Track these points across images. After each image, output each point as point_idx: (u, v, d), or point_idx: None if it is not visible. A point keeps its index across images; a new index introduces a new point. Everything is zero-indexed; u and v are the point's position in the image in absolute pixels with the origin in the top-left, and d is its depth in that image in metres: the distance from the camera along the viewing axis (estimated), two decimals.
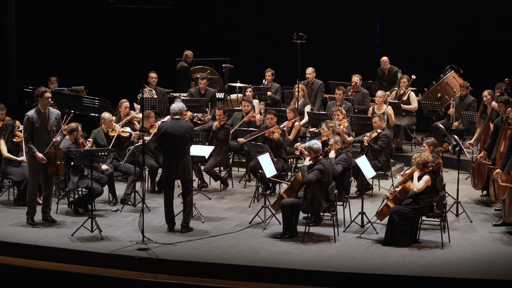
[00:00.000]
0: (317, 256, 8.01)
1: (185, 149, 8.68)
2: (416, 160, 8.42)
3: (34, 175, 8.86)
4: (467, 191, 10.48)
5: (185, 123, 8.79)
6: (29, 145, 8.74)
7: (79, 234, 8.53)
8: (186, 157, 8.69)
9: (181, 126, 8.67)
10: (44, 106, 8.78)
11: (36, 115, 8.74)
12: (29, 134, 8.73)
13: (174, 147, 8.65)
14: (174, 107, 8.84)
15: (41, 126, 8.74)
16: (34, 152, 8.69)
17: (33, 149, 8.70)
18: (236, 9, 17.34)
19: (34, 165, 8.80)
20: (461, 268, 7.67)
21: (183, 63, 14.38)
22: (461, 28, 15.50)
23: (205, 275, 7.67)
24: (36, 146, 8.73)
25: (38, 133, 8.74)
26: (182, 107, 8.88)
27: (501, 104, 9.51)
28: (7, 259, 8.08)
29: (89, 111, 12.38)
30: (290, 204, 8.55)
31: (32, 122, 8.71)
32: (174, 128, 8.65)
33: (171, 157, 8.68)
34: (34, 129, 8.72)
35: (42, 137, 8.75)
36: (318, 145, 8.70)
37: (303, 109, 12.20)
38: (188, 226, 8.77)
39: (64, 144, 9.29)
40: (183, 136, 8.63)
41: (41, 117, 8.75)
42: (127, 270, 7.82)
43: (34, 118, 8.72)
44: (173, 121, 8.77)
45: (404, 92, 12.44)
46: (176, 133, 8.62)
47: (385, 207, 8.48)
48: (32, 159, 8.79)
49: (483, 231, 8.89)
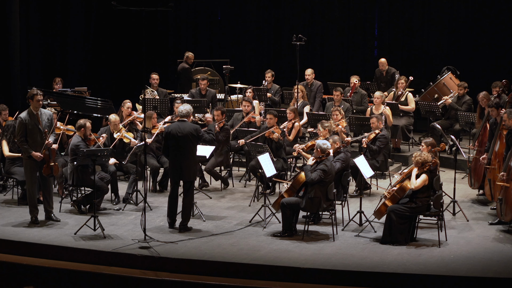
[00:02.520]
0: (316, 254, 8.06)
1: (188, 151, 8.74)
2: (416, 159, 8.46)
3: (31, 175, 8.89)
4: (463, 191, 10.52)
5: (190, 125, 8.84)
6: (24, 147, 8.78)
7: (82, 233, 8.58)
8: (189, 158, 8.75)
9: (185, 128, 8.75)
10: (35, 108, 8.81)
11: (28, 116, 8.77)
12: (22, 136, 8.77)
13: (178, 148, 8.73)
14: (182, 109, 8.92)
15: (33, 127, 8.78)
16: (30, 152, 8.73)
17: (28, 149, 8.75)
18: (236, 12, 17.37)
19: (30, 166, 8.85)
20: (458, 266, 7.69)
21: (184, 64, 14.41)
22: (458, 30, 15.54)
23: (206, 273, 7.72)
24: (31, 147, 8.77)
25: (31, 135, 8.78)
26: (190, 110, 8.96)
27: (493, 108, 9.66)
28: (11, 257, 8.13)
29: (92, 111, 12.40)
30: (289, 203, 8.59)
31: (24, 124, 8.74)
32: (178, 129, 8.74)
33: (175, 158, 8.77)
34: (27, 130, 8.76)
35: (36, 139, 8.80)
36: (328, 146, 8.73)
37: (303, 110, 12.24)
38: (186, 227, 8.80)
39: (73, 141, 9.33)
40: (186, 138, 8.71)
41: (33, 119, 8.78)
42: (129, 268, 7.86)
43: (27, 120, 8.75)
44: (178, 123, 8.87)
45: (401, 93, 12.53)
46: (180, 135, 8.71)
47: (383, 206, 8.52)
48: (28, 160, 8.83)
49: (480, 230, 8.93)
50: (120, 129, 10.30)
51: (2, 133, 10.08)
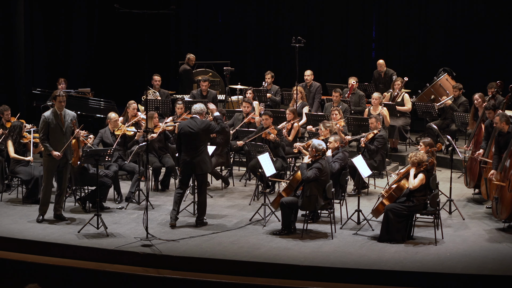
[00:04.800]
0: (315, 252, 8.11)
1: (200, 146, 8.88)
2: (412, 159, 8.53)
3: (49, 174, 8.98)
4: (459, 190, 10.58)
5: (201, 120, 8.95)
6: (44, 144, 8.88)
7: (85, 231, 8.64)
8: (202, 153, 8.89)
9: (196, 123, 8.88)
10: (59, 108, 8.94)
11: (52, 116, 8.90)
12: (44, 134, 8.87)
13: (189, 144, 8.86)
14: (196, 106, 9.06)
15: (56, 126, 8.88)
16: (50, 151, 8.82)
17: (48, 147, 8.84)
18: (237, 14, 17.44)
19: (48, 164, 8.93)
20: (454, 264, 7.75)
21: (186, 66, 14.46)
22: (454, 32, 15.64)
23: (207, 271, 7.74)
24: (51, 146, 8.88)
25: (53, 134, 8.88)
26: (204, 108, 9.09)
27: (490, 111, 9.74)
28: (16, 255, 8.17)
29: (95, 112, 12.50)
30: (288, 202, 8.65)
31: (47, 122, 8.86)
32: (190, 126, 8.88)
33: (186, 154, 8.89)
34: (50, 129, 8.86)
35: (57, 138, 8.89)
36: (323, 147, 8.83)
37: (302, 110, 12.31)
38: (202, 221, 8.96)
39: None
40: (197, 134, 8.83)
41: (56, 118, 8.89)
42: (131, 266, 7.90)
43: (50, 119, 8.87)
44: (190, 120, 9.01)
45: (398, 93, 12.65)
46: (191, 131, 8.84)
47: (381, 204, 8.57)
48: (47, 158, 8.91)
49: (475, 228, 8.98)
50: (120, 126, 10.39)
51: (8, 134, 10.19)
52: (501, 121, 9.15)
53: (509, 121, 9.09)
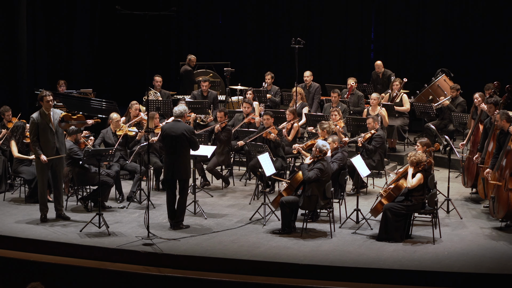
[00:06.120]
0: (314, 251, 8.15)
1: (181, 150, 8.78)
2: (410, 159, 8.58)
3: (42, 174, 9.04)
4: (457, 189, 10.62)
5: (183, 125, 8.88)
6: (35, 147, 8.93)
7: (87, 230, 8.69)
8: (182, 157, 8.79)
9: (178, 127, 8.82)
10: (46, 108, 8.96)
11: (40, 116, 8.93)
12: (35, 136, 8.91)
13: (172, 147, 8.82)
14: (176, 110, 9.03)
15: (45, 127, 8.92)
16: (39, 155, 8.87)
17: (38, 151, 8.90)
18: (237, 16, 17.47)
19: (41, 165, 9.00)
20: (452, 262, 7.79)
21: (187, 66, 14.50)
22: (452, 33, 15.68)
23: (208, 269, 7.78)
24: (43, 147, 8.91)
25: (43, 134, 8.92)
26: (184, 110, 9.01)
27: (491, 105, 9.67)
28: (18, 253, 8.23)
29: (97, 112, 12.53)
30: (288, 201, 8.69)
31: (36, 123, 8.89)
32: (172, 129, 8.84)
33: (168, 157, 8.86)
34: (39, 130, 8.90)
35: (48, 138, 8.93)
36: (327, 147, 8.87)
37: (301, 111, 12.35)
38: (179, 225, 8.81)
39: (66, 146, 9.39)
40: (179, 137, 8.77)
41: (45, 119, 8.92)
42: (133, 264, 7.94)
43: (38, 120, 8.90)
44: (173, 123, 8.98)
45: (396, 94, 12.72)
46: (173, 134, 8.80)
47: (379, 204, 8.63)
48: (39, 159, 8.97)
49: (473, 227, 9.02)
50: (121, 126, 10.46)
51: (11, 134, 10.25)
52: (502, 119, 9.10)
53: (509, 119, 9.05)
